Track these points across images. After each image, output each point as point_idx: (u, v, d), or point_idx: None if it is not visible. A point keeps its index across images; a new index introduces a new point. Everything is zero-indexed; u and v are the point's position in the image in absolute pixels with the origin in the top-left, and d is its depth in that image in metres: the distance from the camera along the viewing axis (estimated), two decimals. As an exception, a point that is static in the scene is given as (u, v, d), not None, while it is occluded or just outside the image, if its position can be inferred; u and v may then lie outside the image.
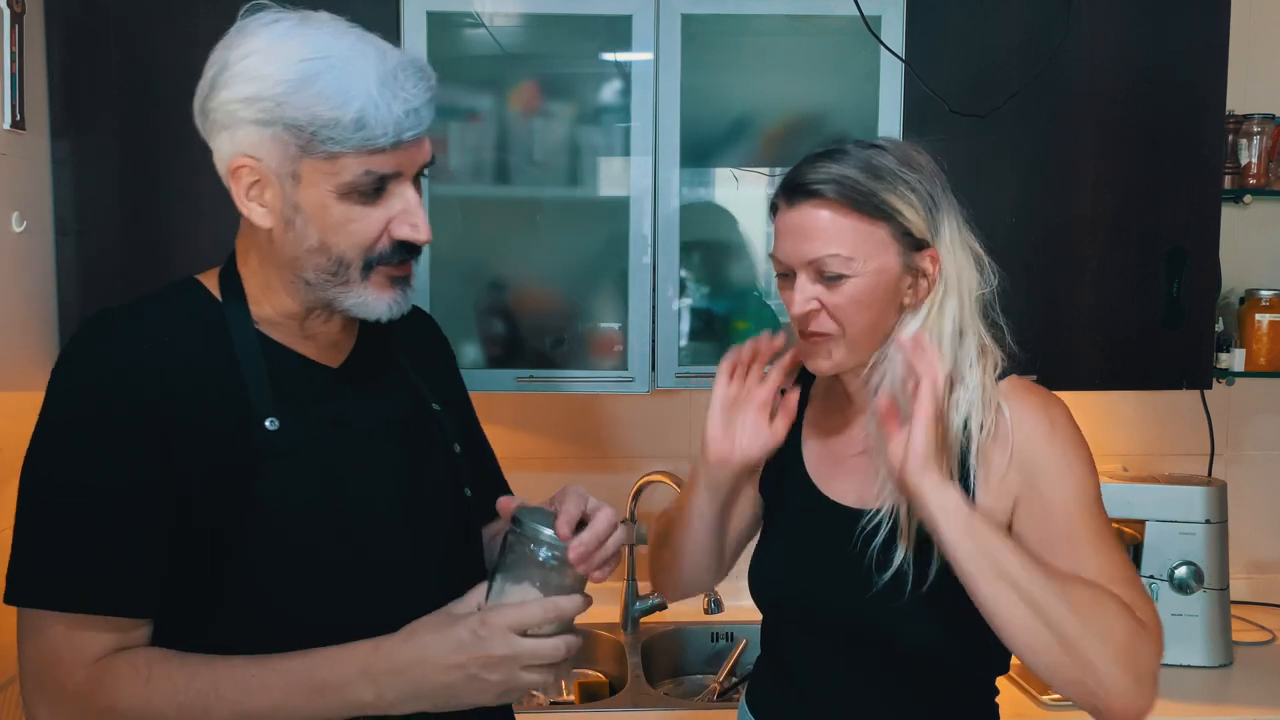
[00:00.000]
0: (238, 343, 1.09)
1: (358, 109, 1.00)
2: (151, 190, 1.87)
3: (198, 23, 1.85)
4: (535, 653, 1.01)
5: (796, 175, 1.22)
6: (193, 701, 1.00)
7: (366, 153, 1.02)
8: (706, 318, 2.07)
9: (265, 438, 1.06)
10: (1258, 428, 2.43)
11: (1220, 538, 2.11)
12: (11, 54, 1.72)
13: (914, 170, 1.21)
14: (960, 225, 1.24)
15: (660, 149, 1.92)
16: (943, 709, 1.28)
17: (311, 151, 1.02)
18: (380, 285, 1.09)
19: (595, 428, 2.35)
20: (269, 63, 1.02)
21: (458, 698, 1.02)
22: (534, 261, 2.03)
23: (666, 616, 2.25)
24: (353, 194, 1.04)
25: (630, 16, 1.90)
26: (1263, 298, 2.23)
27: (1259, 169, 2.25)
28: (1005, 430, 1.20)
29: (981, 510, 1.19)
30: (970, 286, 1.23)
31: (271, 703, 1.01)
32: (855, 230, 1.18)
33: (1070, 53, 1.96)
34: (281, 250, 1.08)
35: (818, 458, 1.34)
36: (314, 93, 1.00)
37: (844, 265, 1.18)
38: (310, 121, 1.01)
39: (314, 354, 1.15)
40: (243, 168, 1.04)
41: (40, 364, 1.84)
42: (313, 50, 1.02)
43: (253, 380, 1.08)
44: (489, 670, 1.01)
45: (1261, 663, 2.11)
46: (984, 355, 1.23)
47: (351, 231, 1.05)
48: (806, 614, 1.30)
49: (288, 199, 1.04)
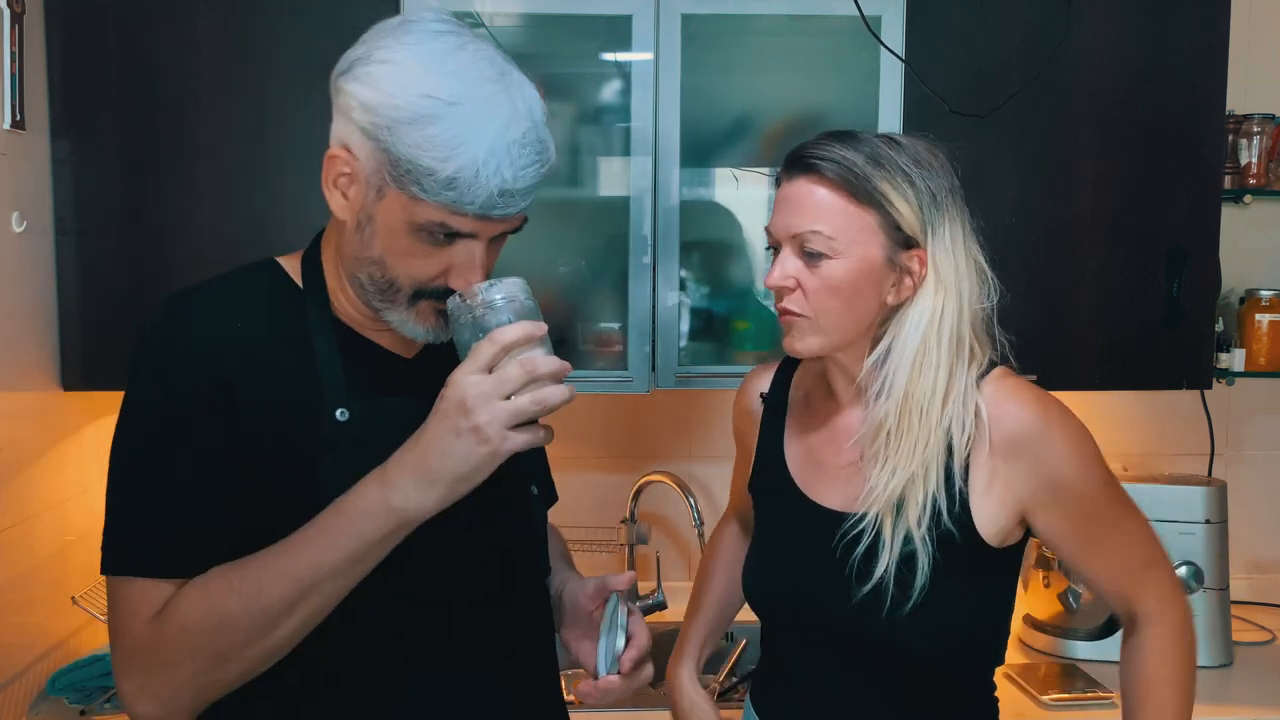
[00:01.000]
0: (314, 329, 1.10)
1: (454, 169, 0.98)
2: (151, 190, 1.87)
3: (198, 23, 1.85)
4: (503, 379, 0.97)
5: (801, 148, 1.22)
6: (248, 587, 1.00)
7: (449, 211, 1.01)
8: (706, 318, 2.07)
9: (334, 429, 1.07)
10: (1258, 428, 2.43)
11: (1220, 538, 2.11)
12: (11, 54, 1.72)
13: (920, 167, 1.20)
14: (967, 234, 1.23)
15: (660, 149, 1.92)
16: (940, 711, 1.28)
17: (400, 186, 1.01)
18: (424, 315, 1.09)
19: (595, 428, 2.35)
20: (396, 82, 0.99)
21: (461, 459, 0.98)
22: (534, 261, 2.02)
23: (666, 616, 2.25)
24: (422, 234, 1.03)
25: (630, 16, 1.90)
26: (1263, 298, 2.23)
27: (1259, 169, 2.25)
28: (985, 436, 1.20)
29: (984, 517, 1.20)
30: (964, 291, 1.22)
31: (316, 553, 1.00)
32: (843, 211, 1.18)
33: (1070, 53, 1.96)
34: (348, 245, 1.08)
35: (802, 460, 1.33)
36: (422, 135, 0.98)
37: (824, 244, 1.18)
38: (408, 160, 0.99)
39: (389, 344, 1.15)
40: (338, 157, 1.04)
41: (40, 364, 1.84)
42: (443, 90, 0.99)
43: (327, 369, 1.08)
44: (463, 418, 0.97)
45: (1261, 663, 2.11)
46: (971, 362, 1.23)
47: (411, 265, 1.05)
48: (798, 616, 1.30)
49: (366, 207, 1.04)
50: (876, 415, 1.21)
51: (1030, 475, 1.20)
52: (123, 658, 1.03)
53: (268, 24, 1.86)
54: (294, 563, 1.00)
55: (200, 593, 1.01)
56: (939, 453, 1.19)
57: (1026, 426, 1.20)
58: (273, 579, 0.99)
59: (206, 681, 1.01)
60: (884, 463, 1.20)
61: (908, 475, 1.18)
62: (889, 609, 1.19)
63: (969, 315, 1.22)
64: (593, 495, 2.31)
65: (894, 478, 1.19)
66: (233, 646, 1.00)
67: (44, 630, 1.84)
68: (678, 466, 2.30)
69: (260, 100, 1.87)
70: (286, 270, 1.14)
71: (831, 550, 1.23)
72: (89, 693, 1.82)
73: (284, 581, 0.99)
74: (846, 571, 1.21)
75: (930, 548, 1.18)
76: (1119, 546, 1.25)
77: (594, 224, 2.05)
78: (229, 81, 1.86)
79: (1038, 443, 1.20)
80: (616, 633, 1.16)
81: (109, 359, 1.88)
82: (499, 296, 1.02)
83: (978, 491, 1.20)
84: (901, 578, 1.19)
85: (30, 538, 1.78)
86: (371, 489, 1.00)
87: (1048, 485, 1.20)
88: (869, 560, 1.20)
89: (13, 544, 1.74)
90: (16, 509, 1.75)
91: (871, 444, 1.22)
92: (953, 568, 1.19)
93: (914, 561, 1.18)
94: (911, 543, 1.18)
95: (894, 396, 1.20)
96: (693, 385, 2.00)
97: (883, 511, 1.19)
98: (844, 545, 1.22)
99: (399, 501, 0.99)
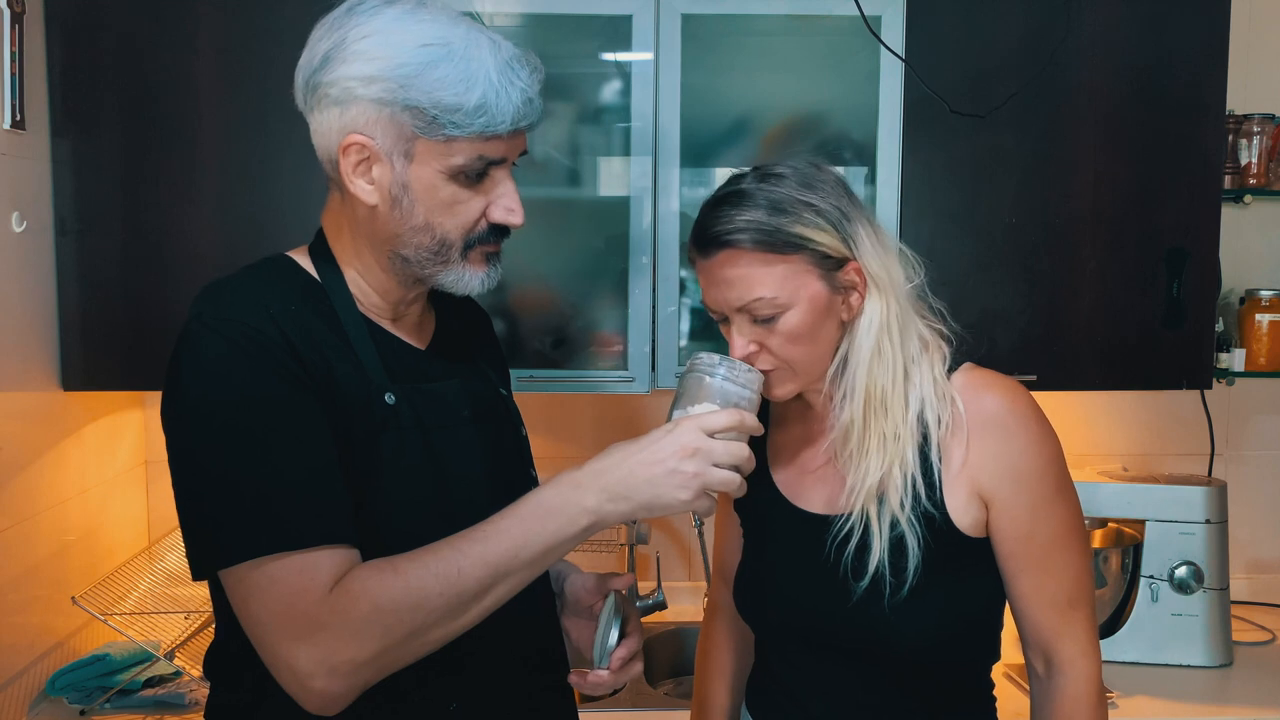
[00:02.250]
0: (345, 319, 1.12)
1: (479, 96, 1.05)
2: (151, 190, 1.87)
3: (197, 23, 1.85)
4: (726, 449, 1.06)
5: (704, 225, 1.22)
6: (446, 569, 1.02)
7: (484, 139, 1.07)
8: (706, 318, 2.06)
9: (386, 411, 1.10)
10: (1258, 428, 2.43)
11: (1220, 538, 2.11)
12: (11, 54, 1.72)
13: (814, 191, 1.21)
14: (874, 228, 1.24)
15: (660, 149, 1.92)
16: (939, 709, 1.28)
17: (431, 134, 1.06)
18: (477, 262, 1.14)
19: (595, 428, 2.35)
20: (389, 45, 1.05)
21: (660, 493, 1.05)
22: (534, 261, 2.03)
23: (666, 616, 2.25)
24: (460, 176, 1.08)
25: (630, 16, 1.90)
26: (1263, 298, 2.23)
27: (1259, 169, 2.25)
28: (961, 422, 1.21)
29: (951, 508, 1.20)
30: (898, 283, 1.23)
31: (511, 541, 1.03)
32: (774, 270, 1.19)
33: (1070, 53, 1.96)
34: (385, 226, 1.11)
35: (785, 471, 1.34)
36: (435, 79, 1.04)
37: (770, 307, 1.19)
38: (433, 105, 1.04)
39: (404, 335, 1.19)
40: (353, 145, 1.07)
41: (40, 364, 1.84)
42: (432, 36, 1.05)
43: (366, 355, 1.11)
44: (684, 461, 1.04)
45: (1261, 663, 2.11)
46: (926, 349, 1.24)
47: (457, 214, 1.10)
48: (796, 623, 1.30)
49: (397, 177, 1.08)
50: (844, 419, 1.23)
51: (996, 457, 1.21)
52: (296, 634, 1.00)
53: (268, 24, 1.86)
54: (491, 550, 1.03)
55: (392, 574, 1.02)
56: (913, 442, 1.21)
57: (1002, 408, 1.22)
58: (471, 565, 1.02)
59: (392, 659, 1.03)
60: (858, 462, 1.22)
61: (883, 469, 1.21)
62: (888, 596, 1.20)
63: (908, 302, 1.24)
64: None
65: (870, 475, 1.21)
66: (425, 626, 1.02)
67: (44, 630, 1.84)
68: (678, 466, 2.29)
69: (260, 100, 1.87)
70: (300, 264, 1.16)
71: (825, 553, 1.24)
72: (89, 693, 1.82)
73: (481, 568, 1.03)
74: (842, 571, 1.22)
75: (917, 528, 1.20)
76: (1056, 568, 1.24)
77: (594, 224, 2.06)
78: (229, 81, 1.86)
79: (1008, 425, 1.22)
80: (611, 630, 1.19)
81: (109, 359, 1.88)
82: (755, 386, 1.14)
83: (950, 476, 1.22)
84: (895, 563, 1.20)
85: (30, 538, 1.78)
86: (565, 489, 1.05)
87: (1010, 473, 1.21)
88: (862, 554, 1.21)
89: (13, 544, 1.74)
90: (16, 509, 1.75)
91: (844, 446, 1.24)
92: (939, 554, 1.21)
93: (904, 545, 1.20)
94: (899, 526, 1.20)
95: (855, 399, 1.22)
96: (693, 385, 2.00)
97: (867, 504, 1.21)
98: (835, 546, 1.23)
99: (594, 504, 1.05)
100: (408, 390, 1.13)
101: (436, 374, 1.19)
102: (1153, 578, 2.10)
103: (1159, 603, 2.09)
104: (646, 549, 2.31)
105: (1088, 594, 1.26)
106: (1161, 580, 2.10)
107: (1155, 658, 2.09)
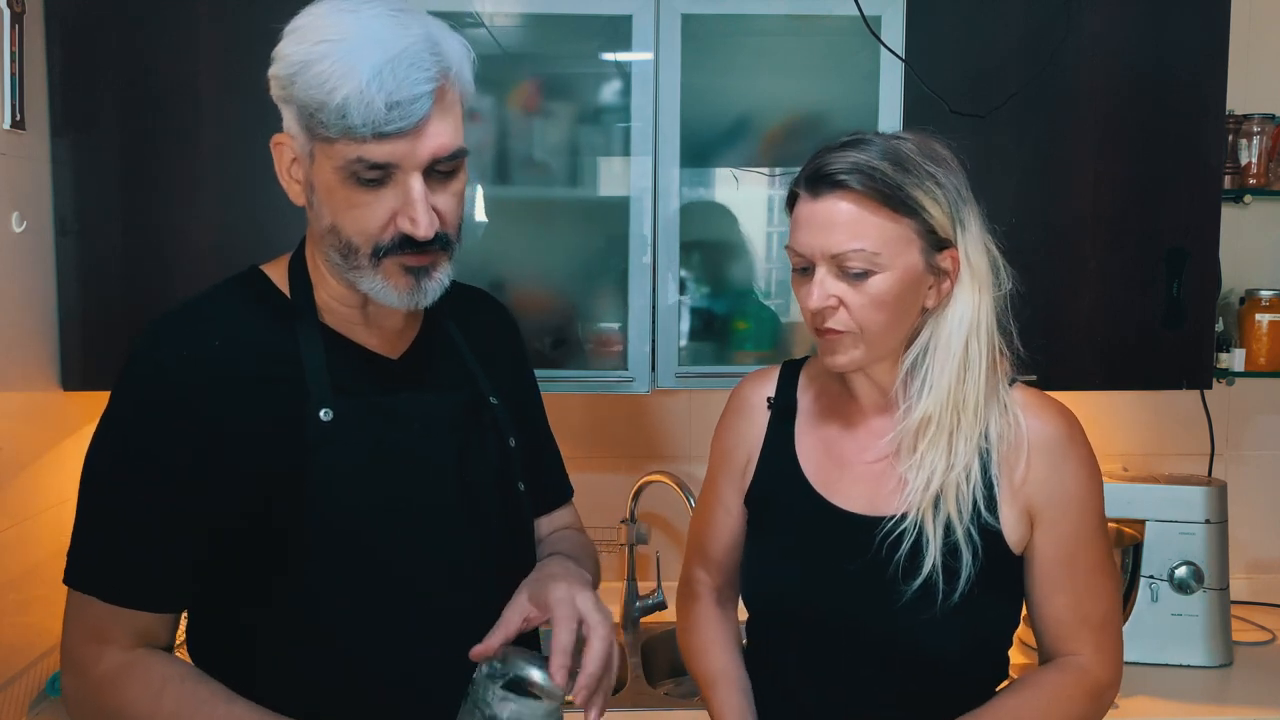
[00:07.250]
0: (300, 332, 1.11)
1: (341, 98, 0.99)
2: (151, 190, 1.87)
3: (198, 22, 1.85)
4: None
5: (820, 163, 1.18)
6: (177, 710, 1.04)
7: (358, 141, 1.01)
8: (706, 318, 2.07)
9: (319, 429, 1.08)
10: (1258, 428, 2.43)
11: (1220, 538, 2.11)
12: (11, 54, 1.72)
13: (937, 164, 1.18)
14: (982, 224, 1.22)
15: (660, 149, 1.92)
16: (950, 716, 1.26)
17: (312, 134, 1.03)
18: (392, 274, 1.08)
19: (595, 428, 2.35)
20: (294, 42, 1.04)
21: None
22: (534, 261, 2.03)
23: (666, 616, 2.25)
24: (353, 178, 1.03)
25: (630, 16, 1.90)
26: (1263, 298, 2.23)
27: (1259, 169, 2.25)
28: (1022, 439, 1.20)
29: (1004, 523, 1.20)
30: (990, 287, 1.21)
31: None
32: (881, 225, 1.15)
33: (1070, 53, 1.96)
34: (312, 228, 1.11)
35: (819, 464, 1.30)
36: (311, 76, 1.01)
37: (869, 261, 1.15)
38: (305, 105, 1.02)
39: (376, 344, 1.16)
40: (281, 144, 1.08)
41: (40, 364, 1.84)
42: (333, 31, 1.01)
43: (312, 370, 1.10)
44: None
45: (1261, 663, 2.11)
46: (1000, 361, 1.23)
47: (356, 217, 1.05)
48: (818, 624, 1.26)
49: (308, 177, 1.07)
50: (919, 413, 1.19)
51: (1050, 479, 1.21)
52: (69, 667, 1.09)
53: (268, 24, 1.86)
54: None
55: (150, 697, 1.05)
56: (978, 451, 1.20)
57: (1061, 431, 1.22)
58: None
59: None
60: (926, 461, 1.19)
61: (951, 471, 1.18)
62: (940, 601, 1.17)
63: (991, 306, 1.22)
64: (592, 495, 2.28)
65: (936, 475, 1.18)
66: None
67: (44, 630, 1.84)
68: (677, 466, 2.30)
69: (260, 100, 1.85)
70: (271, 278, 1.15)
71: (868, 555, 1.21)
72: (89, 693, 1.82)
73: None
74: (892, 572, 1.19)
75: (974, 538, 1.18)
76: (1093, 591, 1.24)
77: (594, 224, 2.05)
78: (229, 81, 1.86)
79: (1066, 449, 1.21)
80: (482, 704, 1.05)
81: (109, 359, 1.88)
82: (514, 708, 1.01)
83: (1007, 492, 1.21)
84: (949, 568, 1.18)
85: (30, 538, 1.78)
86: None
87: (1062, 496, 1.21)
88: (914, 557, 1.18)
89: (13, 544, 1.74)
90: (16, 509, 1.75)
91: (913, 443, 1.20)
92: (988, 567, 1.20)
93: (957, 552, 1.17)
94: (953, 534, 1.18)
95: (937, 395, 1.18)
96: (693, 385, 2.00)
97: (923, 508, 1.18)
98: (886, 547, 1.20)
99: None
100: (358, 405, 1.10)
101: (403, 385, 1.15)
102: (1153, 578, 2.10)
103: (1159, 603, 2.09)
104: (646, 549, 2.31)
105: (1119, 616, 1.27)
106: (1161, 580, 2.10)
107: (1155, 658, 2.09)
